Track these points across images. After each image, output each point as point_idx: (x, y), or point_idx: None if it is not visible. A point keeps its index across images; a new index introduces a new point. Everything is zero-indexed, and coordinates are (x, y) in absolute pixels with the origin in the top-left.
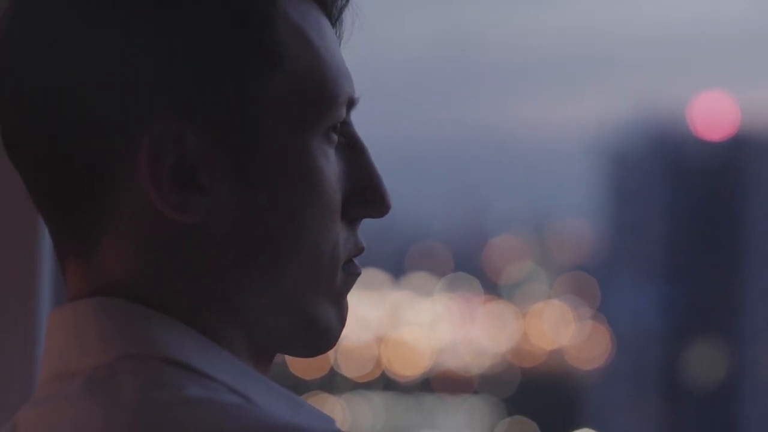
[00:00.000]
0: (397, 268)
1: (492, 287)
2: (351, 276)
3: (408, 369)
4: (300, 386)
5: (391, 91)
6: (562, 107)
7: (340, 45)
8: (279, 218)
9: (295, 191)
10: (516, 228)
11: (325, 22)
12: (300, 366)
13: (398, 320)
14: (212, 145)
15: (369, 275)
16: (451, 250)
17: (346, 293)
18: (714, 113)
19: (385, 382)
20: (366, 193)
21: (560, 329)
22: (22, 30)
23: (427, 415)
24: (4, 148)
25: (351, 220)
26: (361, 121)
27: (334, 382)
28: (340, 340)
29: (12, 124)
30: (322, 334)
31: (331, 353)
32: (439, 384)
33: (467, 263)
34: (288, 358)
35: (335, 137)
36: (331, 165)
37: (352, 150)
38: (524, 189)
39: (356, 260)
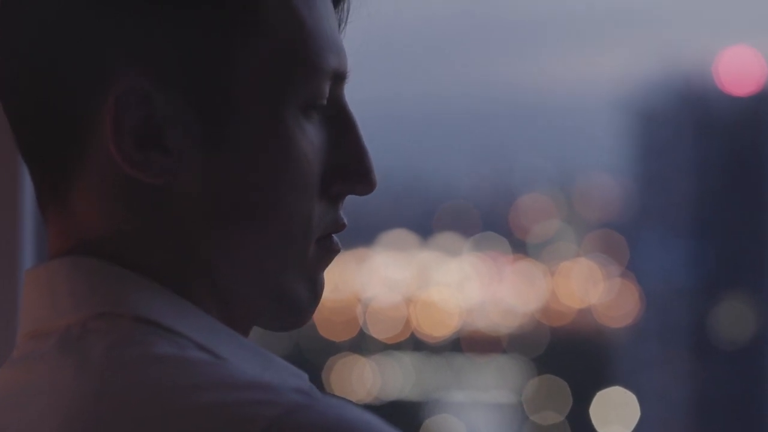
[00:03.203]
0: (425, 229)
1: (520, 246)
2: (327, 252)
3: (437, 329)
4: (330, 348)
5: (416, 48)
6: (589, 63)
7: (345, 21)
8: (246, 186)
9: (264, 160)
10: (543, 186)
11: None
12: (329, 328)
13: (426, 281)
14: (182, 106)
15: (397, 236)
16: (478, 209)
17: (322, 269)
18: (740, 68)
19: (415, 343)
20: (351, 169)
21: (589, 287)
22: None
23: (456, 375)
24: None
25: (334, 195)
26: (388, 81)
27: (363, 344)
28: (318, 308)
29: (2, 74)
30: (291, 308)
31: (360, 315)
32: (468, 344)
33: (495, 222)
34: (317, 320)
35: (314, 113)
36: (306, 138)
37: (341, 124)
38: (551, 146)
39: (335, 237)
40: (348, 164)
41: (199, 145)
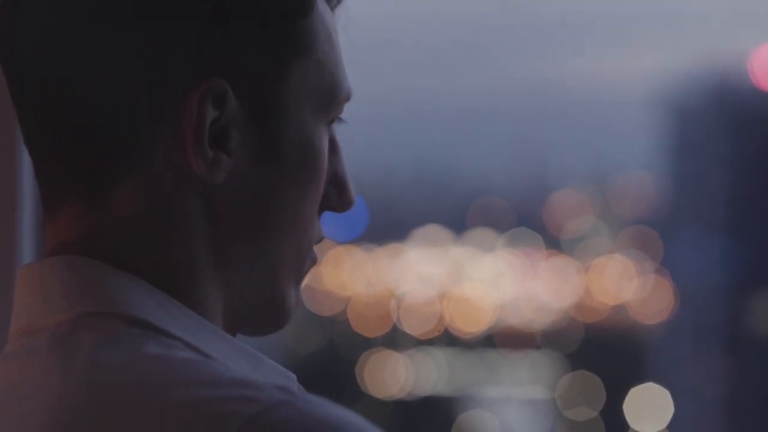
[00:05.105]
0: (459, 224)
1: (554, 242)
2: (312, 262)
3: (470, 325)
4: (363, 343)
5: (451, 44)
6: (624, 60)
7: None
8: (283, 195)
9: (301, 172)
10: (577, 182)
11: (333, 19)
12: (363, 324)
13: (460, 276)
14: (245, 112)
15: (430, 231)
16: (512, 205)
17: (304, 279)
18: None
19: (448, 339)
20: (335, 187)
21: (623, 284)
22: None
23: (490, 371)
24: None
25: (320, 209)
26: (422, 76)
27: (396, 339)
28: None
29: (27, 57)
30: (284, 314)
31: (393, 310)
32: (502, 340)
33: (528, 218)
34: (351, 316)
35: (329, 129)
36: (327, 154)
37: (331, 145)
38: (585, 143)
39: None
40: (334, 182)
41: (251, 152)
